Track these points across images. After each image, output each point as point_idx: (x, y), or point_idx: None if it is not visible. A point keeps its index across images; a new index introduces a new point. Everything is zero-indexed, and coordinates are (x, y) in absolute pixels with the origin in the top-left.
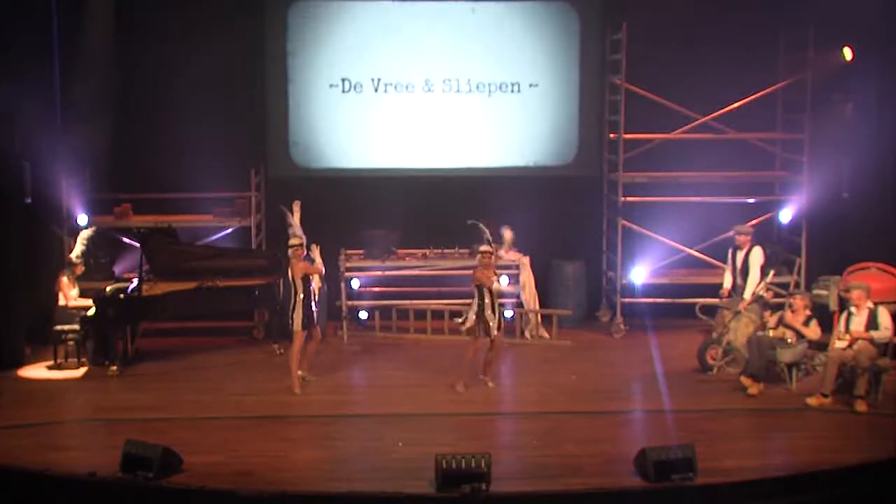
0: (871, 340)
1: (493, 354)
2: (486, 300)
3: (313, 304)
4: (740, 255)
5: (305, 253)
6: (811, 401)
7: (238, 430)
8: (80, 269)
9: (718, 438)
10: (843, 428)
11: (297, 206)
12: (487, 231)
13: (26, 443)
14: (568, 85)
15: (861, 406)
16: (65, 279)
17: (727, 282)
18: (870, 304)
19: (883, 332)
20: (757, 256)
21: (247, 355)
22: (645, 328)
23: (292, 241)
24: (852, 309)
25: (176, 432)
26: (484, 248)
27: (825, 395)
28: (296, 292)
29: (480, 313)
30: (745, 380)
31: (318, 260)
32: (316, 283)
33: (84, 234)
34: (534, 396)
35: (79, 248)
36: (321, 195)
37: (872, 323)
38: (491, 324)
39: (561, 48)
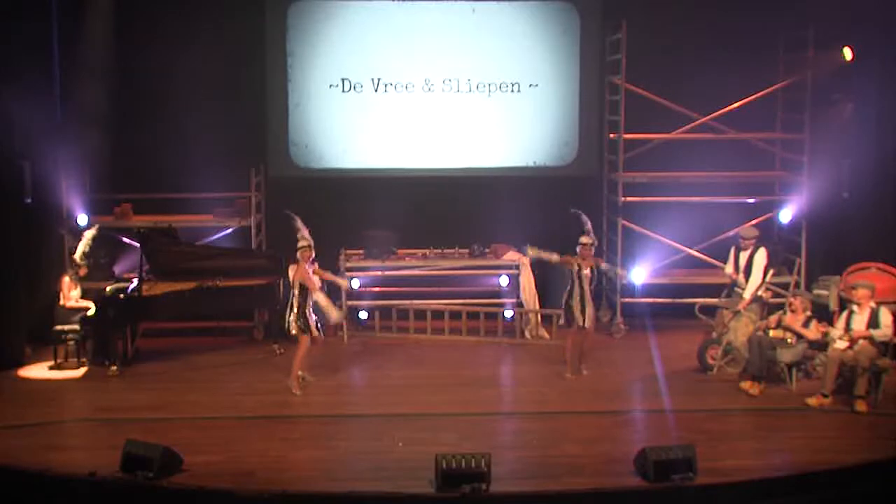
0: (872, 339)
1: (583, 344)
2: (576, 290)
3: (309, 308)
4: (744, 255)
5: (313, 255)
6: (811, 401)
7: (238, 430)
8: (83, 271)
9: (718, 438)
10: (843, 428)
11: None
12: (589, 222)
13: (26, 443)
14: (568, 85)
15: (861, 406)
16: (67, 279)
17: (729, 269)
18: (872, 304)
19: (884, 330)
20: (761, 257)
21: (247, 355)
22: (645, 328)
23: (301, 244)
24: (854, 308)
25: (176, 432)
26: (584, 238)
27: (825, 396)
28: (294, 295)
29: (569, 301)
30: (744, 384)
31: (315, 278)
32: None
33: (88, 235)
34: (534, 396)
35: (82, 249)
36: (321, 195)
37: (874, 322)
38: (576, 313)
39: (561, 48)
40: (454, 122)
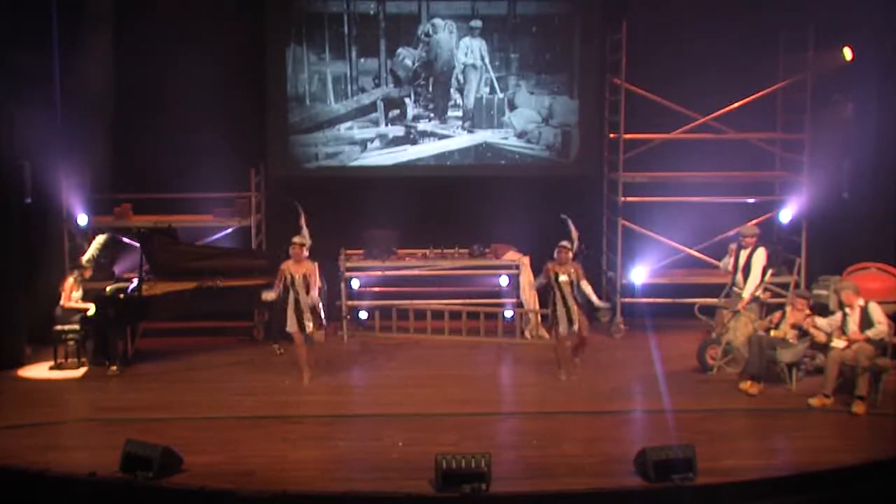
0: (869, 340)
1: (573, 348)
2: (558, 297)
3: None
4: (744, 254)
5: (307, 255)
6: (813, 401)
7: (238, 430)
8: (88, 273)
9: (718, 438)
10: (843, 428)
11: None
12: (574, 229)
13: (26, 443)
14: (568, 85)
15: (859, 408)
16: (71, 280)
17: (728, 264)
18: (860, 302)
19: (878, 328)
20: (760, 257)
21: (247, 355)
22: (645, 328)
23: (296, 239)
24: (846, 309)
25: (176, 432)
26: (563, 242)
27: (827, 396)
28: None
29: (553, 307)
30: (744, 384)
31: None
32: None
33: (100, 240)
34: (534, 396)
35: (91, 252)
36: (321, 195)
37: (865, 320)
38: (559, 320)
39: (561, 48)
40: (454, 122)
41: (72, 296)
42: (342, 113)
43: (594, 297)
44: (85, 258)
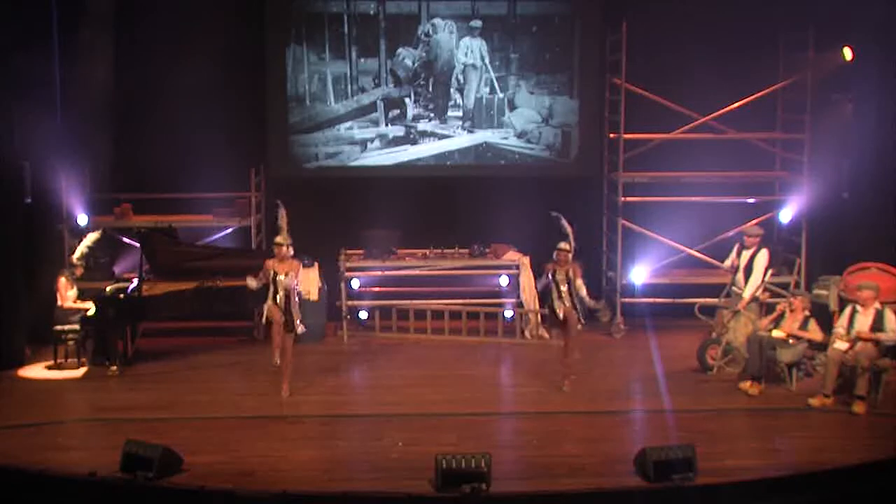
0: (877, 342)
1: (567, 350)
2: (554, 293)
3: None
4: (746, 255)
5: (291, 253)
6: (813, 401)
7: (238, 430)
8: (79, 271)
9: (718, 438)
10: (844, 428)
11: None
12: (569, 227)
13: (26, 443)
14: (568, 85)
15: (859, 408)
16: (63, 280)
17: (729, 262)
18: (877, 305)
19: (889, 334)
20: (762, 258)
21: (247, 355)
22: (645, 328)
23: (277, 239)
24: (858, 308)
25: (176, 432)
26: (563, 244)
27: (827, 396)
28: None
29: (551, 305)
30: (744, 384)
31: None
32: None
33: (90, 238)
34: (534, 396)
35: (81, 250)
36: (321, 195)
37: (878, 324)
38: (556, 311)
39: (561, 48)
40: (454, 122)
41: (67, 295)
42: (342, 113)
43: (587, 299)
44: (75, 256)
